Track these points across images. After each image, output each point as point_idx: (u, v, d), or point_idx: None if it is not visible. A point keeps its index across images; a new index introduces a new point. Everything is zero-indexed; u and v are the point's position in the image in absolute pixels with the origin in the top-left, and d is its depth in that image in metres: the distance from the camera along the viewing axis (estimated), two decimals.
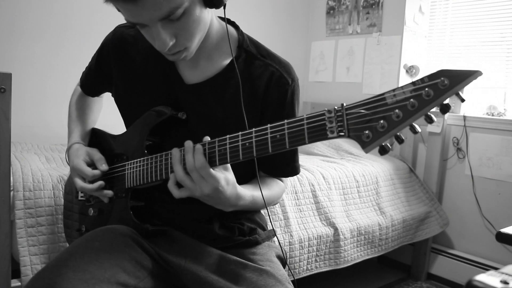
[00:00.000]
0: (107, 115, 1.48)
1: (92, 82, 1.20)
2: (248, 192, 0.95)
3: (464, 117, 2.59)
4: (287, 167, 1.09)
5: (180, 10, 0.82)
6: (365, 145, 0.65)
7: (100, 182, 1.05)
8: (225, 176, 0.86)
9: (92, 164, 1.08)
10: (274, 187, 1.06)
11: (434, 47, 2.90)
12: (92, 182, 1.06)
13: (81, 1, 2.45)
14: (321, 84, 3.39)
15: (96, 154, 1.08)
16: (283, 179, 1.12)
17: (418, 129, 0.64)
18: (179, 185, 0.88)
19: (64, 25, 2.42)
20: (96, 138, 1.19)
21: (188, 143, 0.85)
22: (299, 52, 3.45)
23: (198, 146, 0.84)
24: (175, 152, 0.87)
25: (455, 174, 2.67)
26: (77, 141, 1.14)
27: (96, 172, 1.05)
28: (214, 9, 0.92)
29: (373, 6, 3.01)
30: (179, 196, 0.88)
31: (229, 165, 0.87)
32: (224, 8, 0.93)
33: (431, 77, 0.61)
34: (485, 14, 2.64)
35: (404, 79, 2.91)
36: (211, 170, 0.83)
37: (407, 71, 2.87)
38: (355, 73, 3.14)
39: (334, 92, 3.29)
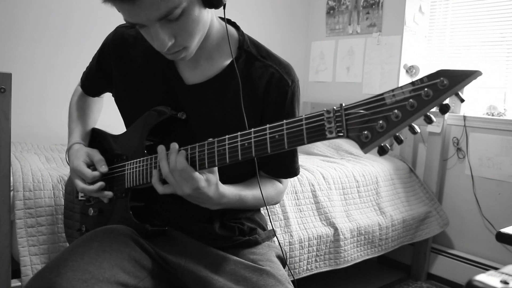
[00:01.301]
0: (107, 115, 1.48)
1: (93, 82, 1.20)
2: (234, 191, 0.96)
3: (464, 117, 2.59)
4: (287, 168, 1.09)
5: (178, 10, 0.82)
6: (364, 146, 0.65)
7: (101, 183, 1.05)
8: (207, 177, 0.88)
9: (92, 165, 1.08)
10: (268, 188, 1.06)
11: (434, 47, 2.90)
12: (92, 182, 1.06)
13: (81, 1, 2.45)
14: (321, 84, 3.39)
15: (96, 156, 1.08)
16: (283, 180, 1.12)
17: (417, 129, 0.64)
18: (164, 181, 0.91)
19: (64, 25, 2.42)
20: (96, 138, 1.19)
21: (174, 145, 0.88)
22: (299, 52, 3.45)
23: (182, 150, 0.88)
24: (161, 149, 0.90)
25: (455, 174, 2.67)
26: (77, 141, 1.14)
27: (96, 173, 1.05)
28: (213, 9, 0.92)
29: (373, 6, 3.01)
30: (163, 192, 0.91)
31: (215, 169, 0.89)
32: (224, 8, 0.93)
33: (430, 77, 0.61)
34: (485, 14, 2.64)
35: (404, 79, 2.91)
36: (192, 172, 0.85)
37: (407, 71, 2.87)
38: (355, 73, 3.14)
39: (334, 92, 3.29)
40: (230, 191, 0.95)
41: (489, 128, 2.51)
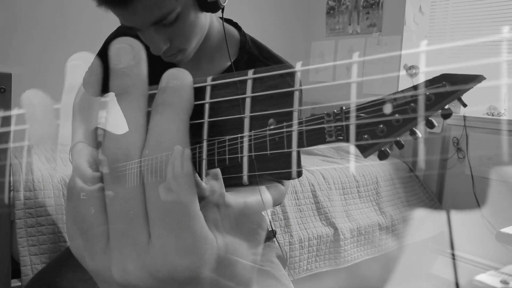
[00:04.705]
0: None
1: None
2: (239, 199, 0.93)
3: (464, 117, 2.58)
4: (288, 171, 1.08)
5: (172, 15, 0.81)
6: (364, 150, 0.65)
7: (100, 184, 1.04)
8: (211, 185, 0.83)
9: (94, 165, 1.08)
10: (271, 191, 1.05)
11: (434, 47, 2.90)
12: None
13: (81, 0, 2.45)
14: (321, 84, 3.39)
15: (100, 157, 1.08)
16: (285, 181, 1.12)
17: (419, 134, 0.63)
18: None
19: (64, 24, 2.41)
20: (99, 138, 1.19)
21: (177, 148, 0.83)
22: (299, 52, 3.44)
23: (187, 151, 0.83)
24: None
25: (455, 174, 2.67)
26: (81, 140, 1.14)
27: (96, 174, 1.04)
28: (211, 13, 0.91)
29: (373, 6, 3.01)
30: (165, 199, 0.84)
31: (219, 175, 0.85)
32: (222, 11, 0.92)
33: (433, 81, 0.61)
34: (485, 14, 2.64)
35: (404, 79, 2.90)
36: (197, 178, 0.82)
37: (407, 71, 2.86)
38: (355, 73, 3.14)
39: (334, 92, 3.26)
40: (235, 200, 0.93)
41: (489, 128, 2.51)
